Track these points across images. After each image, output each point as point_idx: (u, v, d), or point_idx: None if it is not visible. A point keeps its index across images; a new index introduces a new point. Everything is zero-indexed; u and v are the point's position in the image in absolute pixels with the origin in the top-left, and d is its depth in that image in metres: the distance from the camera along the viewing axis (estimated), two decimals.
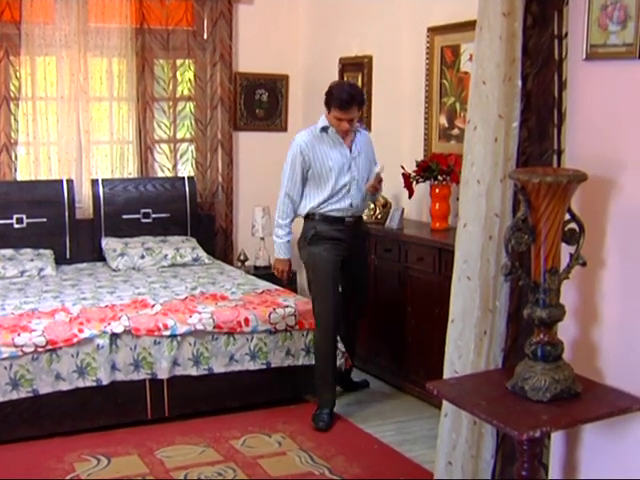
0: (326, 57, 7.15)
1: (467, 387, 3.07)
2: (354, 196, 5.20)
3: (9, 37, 6.59)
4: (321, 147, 5.16)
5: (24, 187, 6.64)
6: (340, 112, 5.03)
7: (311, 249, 5.22)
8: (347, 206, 5.19)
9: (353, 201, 5.20)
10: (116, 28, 6.88)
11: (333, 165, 5.14)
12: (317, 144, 5.17)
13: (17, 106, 6.68)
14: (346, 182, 5.17)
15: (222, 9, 7.19)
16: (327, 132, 5.17)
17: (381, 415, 5.32)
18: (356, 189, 5.21)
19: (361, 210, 5.37)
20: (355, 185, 5.20)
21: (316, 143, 5.17)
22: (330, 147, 5.17)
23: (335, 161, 5.15)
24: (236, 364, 5.27)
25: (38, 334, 4.84)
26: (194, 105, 7.33)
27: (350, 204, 5.20)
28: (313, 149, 5.16)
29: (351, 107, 5.03)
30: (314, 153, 5.15)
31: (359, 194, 5.23)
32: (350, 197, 5.20)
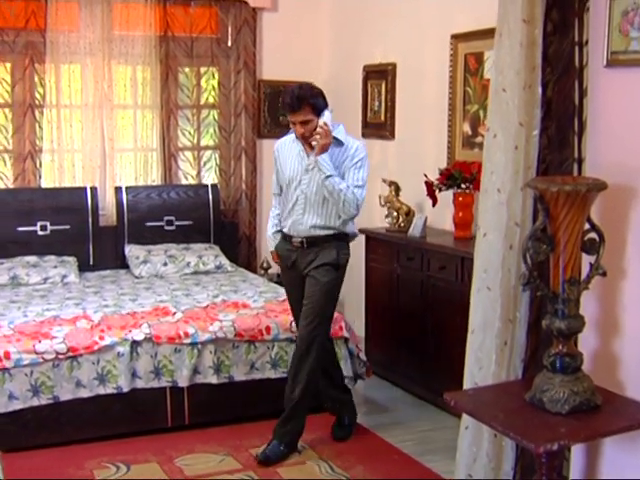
0: (350, 64, 7.13)
1: (485, 398, 3.04)
2: (301, 214, 4.68)
3: (34, 45, 6.63)
4: (287, 154, 4.80)
5: (48, 194, 6.67)
6: (290, 115, 4.57)
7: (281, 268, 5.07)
8: (291, 223, 4.73)
9: (296, 219, 4.70)
10: (140, 36, 6.91)
11: (288, 175, 4.74)
12: (286, 150, 4.82)
13: (42, 114, 6.72)
14: (295, 197, 4.70)
15: (246, 16, 7.19)
16: (297, 137, 4.71)
17: (402, 425, 5.28)
18: (304, 207, 4.67)
19: (313, 233, 4.69)
20: (303, 202, 4.67)
21: (286, 149, 4.82)
22: (293, 155, 4.75)
23: (291, 171, 4.73)
24: (257, 372, 5.24)
25: (59, 341, 4.84)
26: (218, 113, 7.34)
27: (294, 221, 4.71)
28: (282, 154, 4.84)
29: (300, 109, 4.50)
30: (281, 158, 4.84)
31: (310, 214, 4.67)
32: (295, 214, 4.71)
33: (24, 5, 6.56)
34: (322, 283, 4.68)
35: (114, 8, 6.85)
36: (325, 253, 4.69)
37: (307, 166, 4.64)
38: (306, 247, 4.71)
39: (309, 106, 4.52)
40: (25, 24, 6.59)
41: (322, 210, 4.66)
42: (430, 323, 5.53)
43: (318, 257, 4.69)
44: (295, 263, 4.77)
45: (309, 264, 4.71)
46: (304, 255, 4.72)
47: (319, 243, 4.70)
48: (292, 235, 4.74)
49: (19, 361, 4.73)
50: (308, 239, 4.70)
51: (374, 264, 6.20)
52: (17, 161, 6.72)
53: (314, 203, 4.65)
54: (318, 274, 4.69)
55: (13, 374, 4.72)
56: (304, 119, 4.53)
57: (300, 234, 4.70)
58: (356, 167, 4.64)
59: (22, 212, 6.51)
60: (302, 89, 4.58)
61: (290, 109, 4.54)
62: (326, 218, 4.68)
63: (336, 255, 4.71)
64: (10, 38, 6.55)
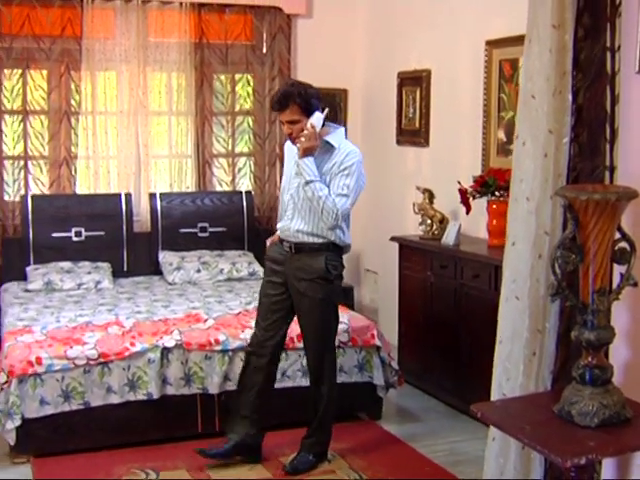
0: (385, 71, 7.10)
1: (512, 410, 2.98)
2: (289, 219, 4.53)
3: (70, 52, 6.68)
4: (288, 155, 4.67)
5: (83, 200, 6.71)
6: (278, 113, 4.42)
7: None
8: (282, 227, 4.61)
9: (285, 224, 4.56)
10: (175, 43, 6.93)
11: (284, 178, 4.66)
12: (288, 151, 4.68)
13: (77, 121, 6.77)
14: (286, 201, 4.58)
15: (281, 23, 7.19)
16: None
17: (433, 434, 5.23)
18: (293, 212, 4.51)
19: (301, 239, 4.51)
20: (292, 207, 4.51)
21: (288, 150, 4.68)
22: (290, 157, 4.61)
23: (286, 174, 4.63)
24: (288, 380, 5.21)
25: (90, 347, 4.86)
26: (252, 119, 7.34)
27: (283, 225, 4.58)
28: (286, 155, 4.74)
29: (287, 107, 4.32)
30: (285, 159, 4.77)
31: (297, 219, 4.49)
32: (285, 218, 4.57)
33: (60, 13, 6.62)
34: (317, 302, 4.51)
35: (149, 15, 6.89)
36: (313, 264, 4.48)
37: (296, 170, 4.46)
38: (294, 253, 4.53)
39: (296, 105, 4.31)
40: (61, 32, 6.64)
41: (310, 216, 4.45)
42: (463, 332, 5.47)
43: (305, 268, 4.49)
44: (283, 267, 4.57)
45: (297, 272, 4.51)
46: (292, 261, 4.54)
47: (306, 251, 4.49)
48: (283, 239, 4.60)
49: (50, 366, 4.75)
50: (296, 245, 4.51)
51: (407, 272, 6.15)
52: (53, 167, 6.77)
53: (302, 209, 4.46)
54: (310, 290, 4.50)
55: (45, 379, 4.74)
56: (290, 118, 4.34)
57: (288, 239, 4.55)
58: (343, 174, 4.38)
59: (57, 218, 6.55)
60: (292, 86, 4.42)
61: (276, 107, 4.38)
62: (313, 225, 4.46)
63: (324, 266, 4.47)
64: (46, 46, 6.60)
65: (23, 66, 6.64)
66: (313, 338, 4.62)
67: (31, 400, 4.72)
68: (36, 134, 6.76)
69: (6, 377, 4.69)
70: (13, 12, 6.53)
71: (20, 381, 4.69)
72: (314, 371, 4.65)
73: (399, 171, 7.00)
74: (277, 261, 4.62)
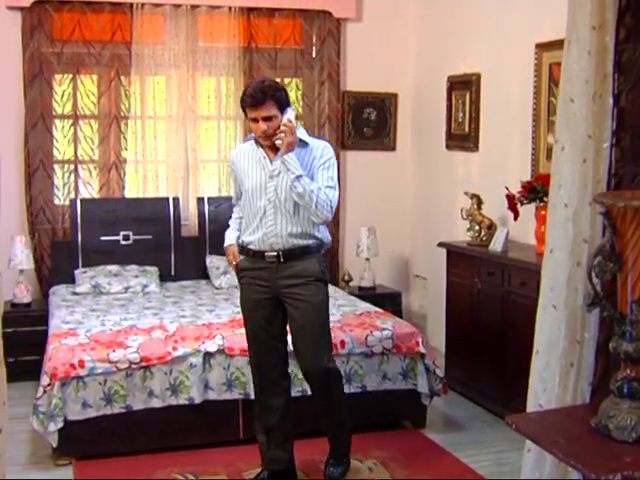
0: (435, 75, 7.02)
1: (548, 423, 2.89)
2: (272, 225, 4.23)
3: (120, 57, 6.73)
4: (244, 162, 4.32)
5: (132, 204, 6.75)
6: (252, 110, 4.11)
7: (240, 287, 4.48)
8: (261, 236, 4.24)
9: (269, 231, 4.23)
10: (224, 47, 6.94)
11: (250, 185, 4.26)
12: (242, 159, 4.35)
13: (127, 125, 6.82)
14: (262, 208, 4.24)
15: (330, 27, 7.16)
16: (256, 143, 4.30)
17: (479, 444, 5.13)
18: (275, 217, 4.22)
19: (291, 242, 4.25)
20: (273, 212, 4.22)
21: (242, 157, 4.35)
22: (252, 162, 4.30)
23: (254, 180, 4.26)
24: None
25: (133, 351, 4.87)
26: (301, 124, 7.31)
27: (265, 234, 4.24)
28: (239, 163, 4.36)
29: (264, 103, 4.07)
30: (239, 168, 4.36)
31: (283, 221, 4.23)
32: (264, 227, 4.25)
33: (110, 18, 6.68)
34: (315, 305, 4.28)
35: (199, 20, 6.91)
36: (307, 267, 4.26)
37: (272, 172, 4.22)
38: (283, 261, 4.24)
39: (273, 100, 4.11)
40: (111, 37, 6.70)
41: (295, 217, 4.22)
42: (510, 340, 5.37)
43: (300, 272, 4.24)
44: (267, 280, 4.28)
45: (287, 280, 4.24)
46: (280, 271, 4.24)
47: (298, 255, 4.25)
48: (264, 250, 4.25)
49: (93, 370, 4.77)
50: (285, 252, 4.23)
51: (455, 278, 6.07)
52: (102, 171, 6.82)
53: (285, 211, 4.21)
54: (308, 294, 4.26)
55: (87, 382, 4.77)
56: (268, 114, 4.10)
57: (275, 247, 4.23)
58: (324, 167, 4.24)
59: (106, 222, 6.60)
60: (265, 82, 4.20)
61: (253, 103, 4.09)
62: (301, 225, 4.24)
63: (319, 268, 4.31)
64: (96, 51, 6.66)
65: (73, 71, 6.72)
66: (314, 345, 4.33)
67: (73, 403, 4.74)
68: (86, 138, 6.83)
69: (49, 380, 4.72)
70: (64, 18, 6.61)
71: (63, 384, 4.72)
72: (322, 391, 4.42)
73: (448, 176, 6.91)
74: (259, 276, 4.30)
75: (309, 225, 4.26)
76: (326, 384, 4.42)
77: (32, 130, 6.57)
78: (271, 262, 4.25)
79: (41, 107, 6.60)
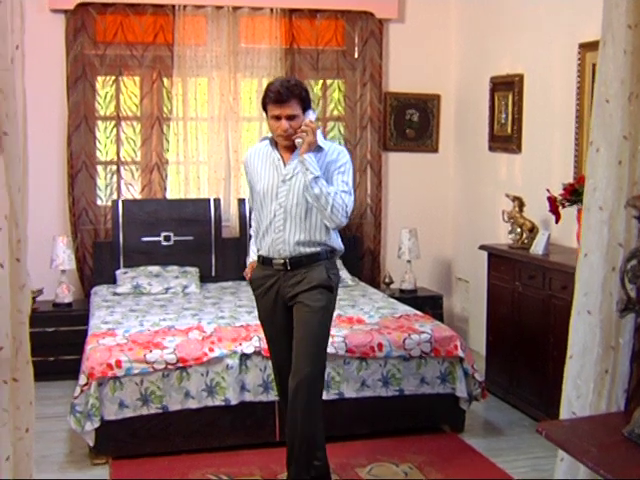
0: (478, 76, 6.95)
1: (580, 431, 2.83)
2: (281, 231, 4.13)
3: (162, 59, 6.77)
4: (257, 163, 4.22)
5: (173, 205, 6.78)
6: (275, 107, 4.01)
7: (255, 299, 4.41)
8: (270, 242, 4.16)
9: (276, 237, 4.13)
10: (266, 49, 6.94)
11: (262, 187, 4.16)
12: (256, 159, 4.25)
13: (169, 126, 6.85)
14: (272, 212, 4.14)
15: (372, 28, 7.12)
16: (270, 146, 4.21)
17: (517, 449, 5.06)
18: (284, 222, 4.12)
19: (298, 250, 4.14)
20: (282, 217, 4.12)
21: (255, 158, 4.25)
22: (265, 164, 4.20)
23: (266, 183, 4.16)
24: (368, 390, 5.13)
25: (169, 351, 4.88)
26: (343, 125, 7.29)
27: (273, 240, 4.15)
28: (253, 165, 4.26)
29: (289, 100, 3.99)
30: (253, 170, 4.26)
31: (291, 228, 4.12)
32: (274, 232, 4.15)
33: (153, 20, 6.72)
34: (316, 310, 4.13)
35: (240, 21, 6.92)
36: (313, 274, 4.15)
37: (285, 176, 4.13)
38: (290, 269, 4.16)
39: (298, 99, 4.03)
40: (153, 39, 6.74)
41: (305, 224, 4.12)
42: (551, 344, 5.29)
43: (305, 279, 4.14)
44: (275, 289, 4.20)
45: (294, 287, 4.15)
46: (287, 279, 4.16)
47: (305, 263, 4.15)
48: (272, 257, 4.17)
49: (130, 370, 4.79)
50: (292, 259, 4.13)
51: (496, 282, 5.99)
52: (144, 172, 6.87)
53: (295, 216, 4.11)
54: (309, 299, 4.13)
55: (124, 382, 4.79)
56: (291, 113, 4.02)
57: (282, 254, 4.14)
58: (340, 172, 4.13)
59: (147, 222, 6.64)
60: (291, 81, 4.12)
61: (278, 99, 3.99)
62: (310, 232, 4.13)
63: (326, 275, 4.17)
64: (139, 53, 6.71)
65: (116, 73, 6.77)
66: (306, 351, 4.14)
67: (110, 403, 4.77)
68: (128, 140, 6.88)
69: (86, 379, 4.74)
70: (107, 20, 6.67)
71: (100, 384, 4.74)
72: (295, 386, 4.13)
73: (491, 178, 6.84)
74: (267, 284, 4.23)
75: (319, 232, 4.16)
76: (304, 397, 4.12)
77: (75, 132, 6.64)
78: (278, 269, 4.17)
79: (84, 109, 6.67)
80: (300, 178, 4.07)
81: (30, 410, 2.64)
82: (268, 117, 4.12)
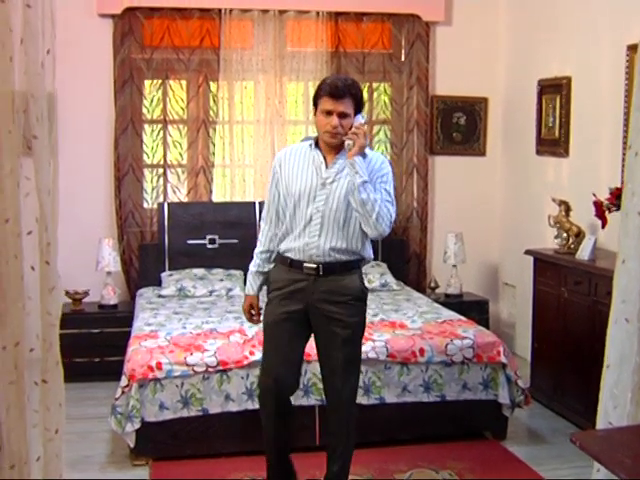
0: (526, 79, 6.87)
1: (615, 441, 2.77)
2: (316, 236, 3.96)
3: (208, 63, 6.81)
4: (295, 163, 4.03)
5: (218, 208, 6.81)
6: (331, 100, 3.83)
7: (267, 300, 4.17)
8: (302, 246, 3.98)
9: (310, 242, 3.96)
10: (312, 52, 6.94)
11: (298, 189, 3.96)
12: (293, 159, 4.04)
13: (214, 130, 6.88)
14: (309, 215, 3.96)
15: (419, 31, 7.08)
16: (311, 146, 4.03)
17: (560, 458, 4.98)
18: (321, 228, 3.95)
19: (333, 257, 3.98)
20: (320, 222, 3.94)
21: (292, 158, 4.05)
22: (304, 164, 4.01)
23: (303, 185, 3.97)
24: (409, 395, 5.09)
25: (210, 354, 4.89)
26: (389, 129, 7.26)
27: (306, 244, 3.98)
28: (285, 164, 4.05)
29: (345, 96, 3.84)
30: (284, 170, 4.04)
31: (327, 234, 3.95)
32: (308, 236, 3.97)
33: (199, 24, 6.76)
34: (350, 325, 4.01)
35: (287, 25, 6.93)
36: (348, 283, 4.02)
37: (325, 179, 3.96)
38: (322, 274, 3.97)
39: (353, 98, 3.87)
40: (200, 43, 6.78)
41: (343, 231, 3.96)
42: (597, 351, 5.16)
43: (340, 289, 3.99)
44: (303, 294, 4.01)
45: (326, 296, 3.98)
46: (318, 284, 3.98)
47: (338, 270, 3.99)
48: (302, 260, 3.99)
49: (170, 372, 4.81)
50: (325, 265, 3.97)
51: (542, 287, 5.91)
52: (190, 175, 6.91)
53: (333, 222, 3.94)
54: (345, 314, 3.99)
55: (164, 385, 4.81)
56: (345, 110, 3.85)
57: (314, 259, 3.96)
58: (383, 181, 3.97)
59: (193, 225, 6.68)
60: (348, 80, 3.95)
61: (334, 93, 3.82)
62: (348, 240, 3.98)
63: (360, 285, 4.07)
64: (185, 56, 6.75)
65: (163, 77, 6.82)
66: (341, 368, 4.04)
67: (151, 404, 4.79)
68: (175, 143, 6.93)
69: (127, 381, 4.77)
70: (154, 24, 6.73)
71: (140, 385, 4.77)
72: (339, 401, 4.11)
73: (538, 182, 6.75)
74: (293, 287, 4.03)
75: (355, 241, 4.02)
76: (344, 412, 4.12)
77: (122, 135, 6.70)
78: (309, 274, 3.99)
79: (131, 112, 6.73)
80: (342, 183, 3.94)
81: (60, 411, 2.66)
82: (317, 112, 3.94)
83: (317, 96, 3.94)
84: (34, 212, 2.58)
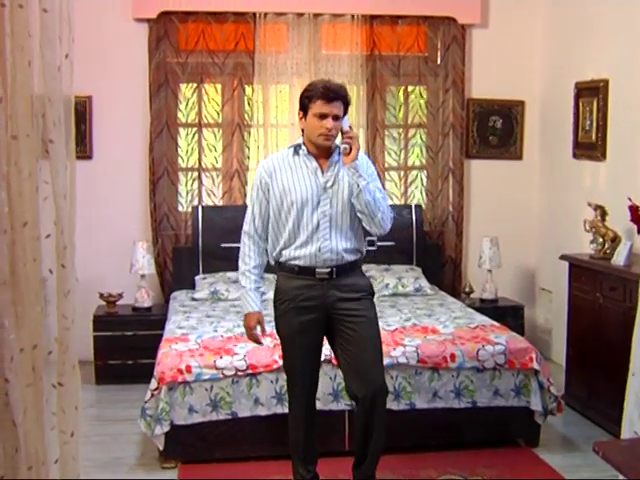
0: (563, 81, 6.77)
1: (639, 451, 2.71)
2: (327, 239, 4.01)
3: (243, 66, 6.82)
4: (286, 173, 4.03)
5: None
6: (323, 104, 3.87)
7: (276, 312, 4.21)
8: (314, 252, 4.02)
9: (323, 246, 4.00)
10: (347, 55, 6.92)
11: (299, 197, 3.98)
12: (282, 170, 4.04)
13: (249, 133, 6.89)
14: (315, 221, 4.00)
15: (455, 34, 7.03)
16: (299, 153, 4.06)
17: (593, 467, 4.85)
18: (329, 231, 4.01)
19: (344, 258, 4.06)
20: (328, 224, 4.00)
21: (281, 168, 4.05)
22: (299, 171, 4.03)
23: (302, 192, 3.99)
24: (440, 401, 5.05)
25: (240, 358, 4.90)
26: (425, 132, 7.21)
27: (319, 249, 4.01)
28: (277, 174, 4.04)
29: (338, 99, 3.90)
30: (277, 180, 4.04)
31: (337, 236, 4.02)
32: (319, 241, 4.01)
33: (234, 28, 6.78)
34: (372, 319, 4.11)
35: (321, 28, 6.92)
36: (359, 281, 4.13)
37: (325, 184, 4.00)
38: (335, 277, 4.04)
39: (343, 102, 3.95)
40: (234, 46, 6.80)
41: (350, 232, 4.05)
42: None
43: (352, 287, 4.07)
44: (318, 300, 4.04)
45: (341, 294, 4.04)
46: (331, 287, 4.03)
47: (349, 270, 4.07)
48: (314, 266, 4.02)
49: (199, 375, 4.82)
50: (338, 267, 4.03)
51: (577, 292, 5.84)
52: (225, 179, 6.92)
53: (342, 224, 4.02)
54: (363, 309, 4.08)
55: (194, 388, 4.82)
56: (338, 113, 3.90)
57: (328, 263, 4.02)
58: (373, 178, 4.05)
59: (227, 229, 6.66)
60: (338, 83, 4.05)
61: (328, 96, 3.87)
62: (355, 240, 4.09)
63: (368, 281, 4.23)
64: (220, 60, 6.78)
65: (198, 80, 6.85)
66: (374, 359, 4.10)
67: (180, 407, 4.80)
68: (209, 146, 6.94)
69: (157, 384, 4.79)
70: (189, 28, 6.76)
71: (170, 388, 4.79)
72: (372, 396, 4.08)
73: (575, 186, 6.66)
74: (309, 296, 4.05)
75: (359, 240, 4.13)
76: (382, 405, 4.14)
77: (157, 138, 6.74)
78: (322, 279, 4.03)
79: (166, 116, 6.77)
80: (343, 185, 3.99)
81: (75, 414, 2.67)
82: (308, 116, 3.94)
83: (308, 100, 3.95)
84: (52, 216, 2.59)
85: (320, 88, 3.93)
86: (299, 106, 4.04)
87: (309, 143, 4.05)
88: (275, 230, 4.10)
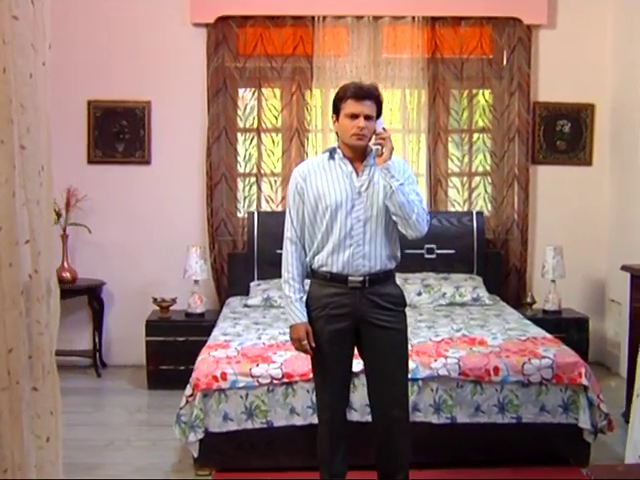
0: (636, 83, 6.48)
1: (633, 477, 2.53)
2: (361, 245, 3.88)
3: (302, 71, 6.79)
4: (321, 177, 3.91)
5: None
6: (355, 103, 3.77)
7: (309, 319, 3.99)
8: (347, 258, 3.88)
9: (356, 252, 3.88)
10: (408, 58, 6.82)
11: (333, 202, 3.86)
12: (316, 173, 3.93)
13: (308, 138, 6.84)
14: (349, 226, 3.87)
15: (520, 35, 6.83)
16: (334, 157, 3.94)
17: None
18: (363, 237, 3.88)
19: (379, 266, 3.92)
20: (362, 230, 3.87)
21: (315, 172, 3.94)
22: (333, 176, 3.91)
23: (338, 196, 3.87)
24: (482, 415, 4.87)
25: (276, 366, 4.83)
26: (489, 137, 7.02)
27: (352, 255, 3.88)
28: (312, 179, 3.93)
29: (369, 99, 3.79)
30: (312, 184, 3.92)
31: (372, 243, 3.89)
32: (352, 248, 3.88)
33: (292, 32, 6.75)
34: (403, 332, 3.98)
35: (382, 31, 6.81)
36: (392, 291, 3.97)
37: (359, 187, 3.87)
38: (368, 286, 3.90)
39: (376, 102, 3.83)
40: (293, 50, 6.77)
41: (385, 237, 3.91)
42: None
43: (385, 298, 3.93)
44: (349, 309, 3.91)
45: (374, 303, 3.90)
46: (363, 296, 3.89)
47: (382, 280, 3.92)
48: (347, 273, 3.89)
49: (235, 383, 4.77)
50: (371, 276, 3.89)
51: (638, 304, 5.57)
52: (283, 185, 6.88)
53: (377, 229, 3.88)
54: (396, 322, 3.96)
55: (229, 395, 4.77)
56: (370, 113, 3.78)
57: (360, 271, 3.88)
58: (410, 182, 3.90)
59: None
60: (369, 83, 3.93)
61: (361, 94, 3.77)
62: (390, 245, 3.93)
63: (400, 291, 4.04)
64: (278, 64, 6.75)
65: (256, 85, 6.84)
66: (401, 374, 4.05)
67: (215, 415, 4.76)
68: (268, 152, 6.91)
69: (192, 390, 4.77)
70: (247, 33, 6.76)
71: (205, 395, 4.75)
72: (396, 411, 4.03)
73: None
74: (340, 304, 3.92)
75: (395, 245, 3.98)
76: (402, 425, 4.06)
77: (215, 143, 6.75)
78: (354, 287, 3.89)
79: (224, 120, 6.78)
80: (377, 189, 3.86)
81: (50, 420, 2.65)
82: (340, 117, 3.86)
83: (339, 101, 3.87)
84: None
85: (351, 88, 3.85)
86: (332, 109, 3.96)
87: (344, 146, 3.94)
88: (311, 234, 4.00)
